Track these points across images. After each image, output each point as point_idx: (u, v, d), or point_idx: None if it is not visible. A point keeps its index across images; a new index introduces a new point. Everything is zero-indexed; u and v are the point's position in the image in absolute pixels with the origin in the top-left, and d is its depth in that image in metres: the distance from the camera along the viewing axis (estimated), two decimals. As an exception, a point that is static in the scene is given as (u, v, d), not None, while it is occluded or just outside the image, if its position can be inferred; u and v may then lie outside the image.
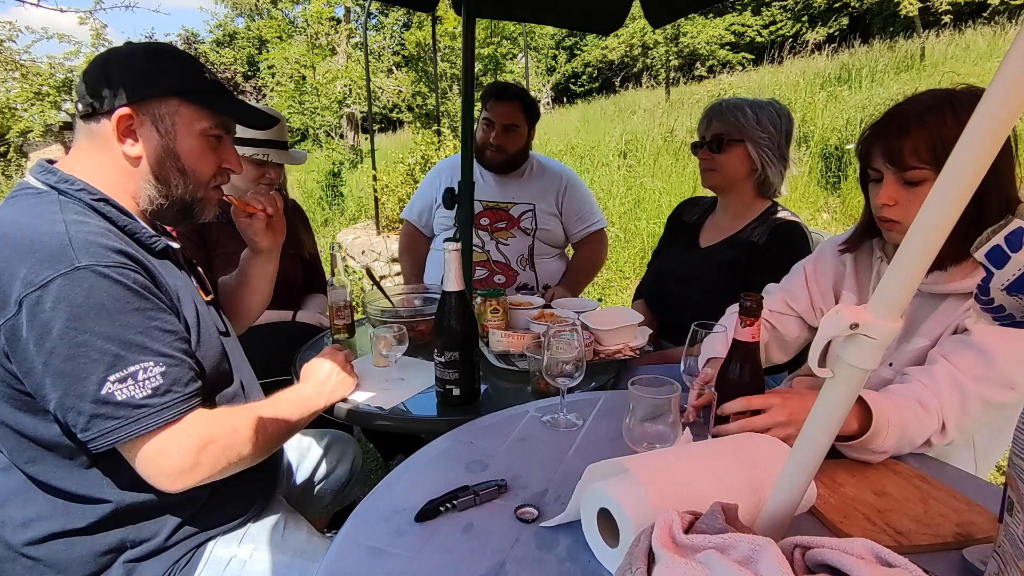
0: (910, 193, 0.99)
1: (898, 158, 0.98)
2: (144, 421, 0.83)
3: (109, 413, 0.81)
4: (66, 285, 0.80)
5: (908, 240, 0.52)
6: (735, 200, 1.72)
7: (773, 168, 1.64)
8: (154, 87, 0.95)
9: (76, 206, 0.90)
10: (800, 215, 1.78)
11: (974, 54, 8.04)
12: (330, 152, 10.01)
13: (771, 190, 1.68)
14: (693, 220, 1.86)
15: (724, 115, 1.64)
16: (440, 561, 0.72)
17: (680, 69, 16.19)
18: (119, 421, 0.82)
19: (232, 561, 1.00)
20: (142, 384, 0.83)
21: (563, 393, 1.10)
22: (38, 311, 0.79)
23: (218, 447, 0.91)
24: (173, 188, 1.00)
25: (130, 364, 0.82)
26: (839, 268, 1.23)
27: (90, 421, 0.81)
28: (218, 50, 23.47)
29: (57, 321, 0.79)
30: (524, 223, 2.27)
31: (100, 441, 0.82)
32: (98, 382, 0.80)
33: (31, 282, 0.79)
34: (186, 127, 0.98)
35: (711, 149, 1.66)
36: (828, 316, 0.59)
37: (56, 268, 0.80)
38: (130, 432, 0.82)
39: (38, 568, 0.91)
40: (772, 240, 1.59)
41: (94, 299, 0.81)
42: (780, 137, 1.63)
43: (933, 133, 0.94)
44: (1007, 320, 0.93)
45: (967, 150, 0.47)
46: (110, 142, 0.95)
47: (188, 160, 1.00)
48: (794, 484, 0.64)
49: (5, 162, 12.24)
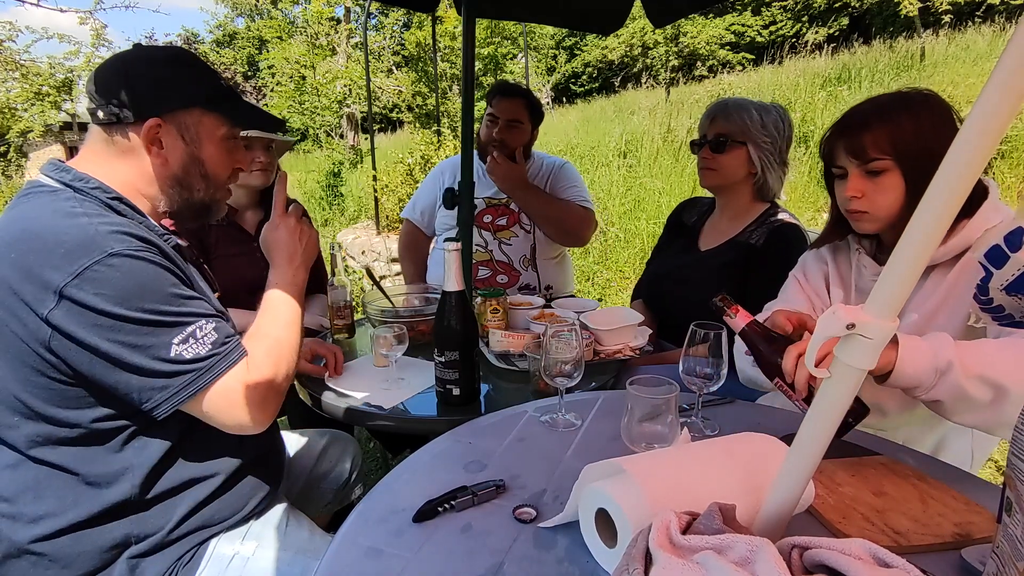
0: (874, 184, 1.06)
1: (860, 152, 1.06)
2: (216, 368, 0.91)
3: (183, 370, 0.88)
4: (104, 271, 0.83)
5: (904, 241, 0.52)
6: (733, 201, 1.71)
7: (773, 173, 1.63)
8: (179, 98, 0.98)
9: (92, 203, 0.91)
10: (800, 215, 1.78)
11: (974, 54, 8.03)
12: (330, 152, 10.03)
13: (769, 194, 1.67)
14: (692, 222, 1.85)
15: (730, 115, 1.62)
16: (438, 561, 0.72)
17: (680, 69, 16.20)
18: (193, 374, 0.89)
19: (235, 558, 1.01)
20: (202, 341, 0.90)
21: (562, 393, 1.10)
22: (83, 298, 0.81)
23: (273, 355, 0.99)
24: (195, 192, 1.04)
25: (187, 326, 0.89)
26: (823, 267, 1.27)
27: (167, 382, 0.87)
28: (218, 50, 23.49)
29: (106, 304, 0.82)
30: (524, 218, 2.27)
31: (175, 399, 0.88)
32: (164, 347, 0.87)
33: (68, 272, 0.81)
34: (208, 134, 1.02)
35: (712, 148, 1.64)
36: (825, 316, 0.59)
37: (91, 256, 0.82)
38: (205, 381, 0.90)
39: (42, 563, 0.91)
40: (770, 243, 1.59)
41: (135, 279, 0.85)
42: (782, 142, 1.63)
43: (891, 126, 1.03)
44: (1006, 320, 0.93)
45: (961, 152, 0.47)
46: (135, 151, 0.97)
47: (210, 165, 1.03)
48: (792, 484, 0.64)
49: (5, 162, 12.25)
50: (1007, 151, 5.59)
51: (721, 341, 1.03)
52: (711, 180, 1.69)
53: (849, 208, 1.10)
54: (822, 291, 1.26)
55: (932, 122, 1.02)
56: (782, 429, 0.96)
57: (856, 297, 1.19)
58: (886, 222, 1.08)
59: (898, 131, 1.02)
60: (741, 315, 0.96)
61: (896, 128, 1.03)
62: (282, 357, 1.00)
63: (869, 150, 1.04)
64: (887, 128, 1.03)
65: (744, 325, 0.96)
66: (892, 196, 1.05)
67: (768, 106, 1.64)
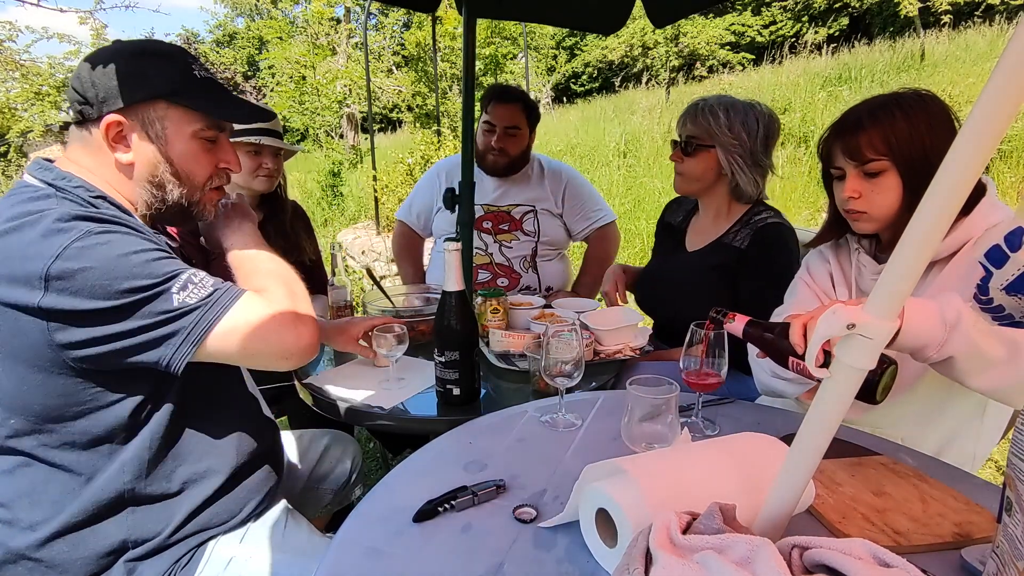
0: (872, 184, 1.07)
1: (857, 153, 1.06)
2: (225, 297, 0.89)
3: (193, 310, 0.86)
4: (85, 247, 0.81)
5: (904, 241, 0.52)
6: (711, 203, 1.71)
7: (744, 175, 1.59)
8: (140, 91, 0.92)
9: (72, 203, 0.89)
10: (800, 215, 1.77)
11: (974, 54, 8.03)
12: (330, 152, 10.02)
13: (746, 196, 1.64)
14: (678, 223, 1.84)
15: (697, 118, 1.61)
16: (438, 561, 0.72)
17: (680, 69, 16.19)
18: (202, 310, 0.87)
19: (233, 560, 1.00)
20: (201, 284, 0.89)
21: (562, 393, 1.10)
22: (72, 274, 0.80)
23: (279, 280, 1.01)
24: (169, 193, 0.98)
25: (181, 275, 0.87)
26: (826, 267, 1.27)
27: (180, 325, 0.85)
28: (218, 50, 23.48)
29: (95, 274, 0.81)
30: (526, 225, 2.26)
31: (192, 338, 0.86)
32: (166, 300, 0.85)
33: (48, 255, 0.79)
34: (177, 130, 0.95)
35: (683, 151, 1.64)
36: (825, 316, 0.59)
37: (70, 236, 0.81)
38: (217, 312, 0.88)
39: (39, 569, 0.91)
40: (755, 244, 1.57)
41: (118, 248, 0.84)
42: (754, 143, 1.58)
43: (885, 127, 1.04)
44: (1006, 320, 0.93)
45: (961, 152, 0.47)
46: (103, 149, 0.93)
47: (182, 164, 0.97)
48: (792, 484, 0.64)
49: (5, 162, 12.24)
50: (1007, 151, 5.60)
51: (723, 341, 1.03)
52: (680, 184, 1.70)
53: (847, 208, 1.11)
54: (829, 290, 1.26)
55: (928, 122, 1.02)
56: (782, 429, 0.96)
57: (857, 296, 1.19)
58: (884, 222, 1.08)
59: (892, 131, 1.03)
60: (739, 319, 0.95)
61: (890, 128, 1.03)
62: (289, 283, 1.02)
63: (865, 151, 1.05)
64: (881, 129, 1.04)
65: (743, 326, 0.96)
66: (890, 196, 1.05)
67: (742, 105, 1.60)
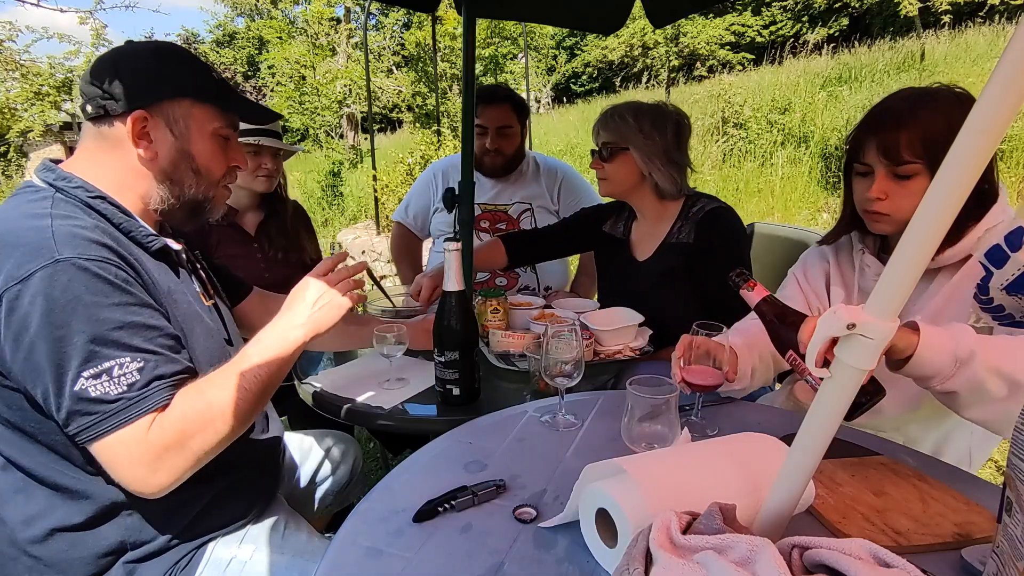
0: (901, 187, 1.02)
1: (893, 152, 1.00)
2: (119, 416, 0.81)
3: (85, 409, 0.80)
4: (45, 279, 0.79)
5: (905, 241, 0.52)
6: (643, 206, 1.72)
7: (661, 173, 1.61)
8: (167, 89, 0.96)
9: (69, 203, 0.89)
10: (799, 215, 1.77)
11: (974, 54, 8.03)
12: (330, 152, 10.03)
13: (669, 193, 1.65)
14: (620, 233, 1.83)
15: (608, 123, 1.64)
16: (438, 561, 0.72)
17: (680, 69, 16.20)
18: (94, 417, 0.80)
19: (232, 562, 1.00)
20: (117, 380, 0.81)
21: (562, 393, 1.10)
22: (17, 306, 0.79)
23: (195, 420, 0.86)
24: (186, 188, 1.00)
25: (105, 360, 0.80)
26: (824, 267, 1.25)
27: (69, 417, 0.80)
28: (218, 50, 23.49)
29: (34, 315, 0.78)
30: (524, 223, 2.26)
31: (83, 436, 0.81)
32: (73, 378, 0.79)
33: (13, 276, 0.79)
34: (199, 128, 0.99)
35: (601, 158, 1.66)
36: (826, 316, 0.59)
37: (38, 262, 0.79)
38: (102, 429, 0.80)
39: (38, 568, 0.91)
40: (700, 234, 1.59)
41: (72, 292, 0.79)
42: (667, 142, 1.61)
43: (926, 127, 0.98)
44: (1006, 320, 0.93)
45: (962, 152, 0.47)
46: (123, 144, 0.95)
47: (201, 160, 1.00)
48: (792, 484, 0.64)
49: (5, 162, 12.26)
50: (1007, 151, 5.60)
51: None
52: (606, 189, 1.71)
53: (870, 208, 1.06)
54: (821, 291, 1.25)
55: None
56: (782, 429, 0.96)
57: (858, 297, 1.18)
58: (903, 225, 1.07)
59: (930, 133, 0.97)
60: (757, 291, 0.93)
61: (929, 129, 0.97)
62: (207, 424, 0.87)
63: (903, 151, 1.00)
64: (922, 128, 0.98)
65: (759, 300, 0.94)
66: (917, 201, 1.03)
67: (647, 108, 1.63)
